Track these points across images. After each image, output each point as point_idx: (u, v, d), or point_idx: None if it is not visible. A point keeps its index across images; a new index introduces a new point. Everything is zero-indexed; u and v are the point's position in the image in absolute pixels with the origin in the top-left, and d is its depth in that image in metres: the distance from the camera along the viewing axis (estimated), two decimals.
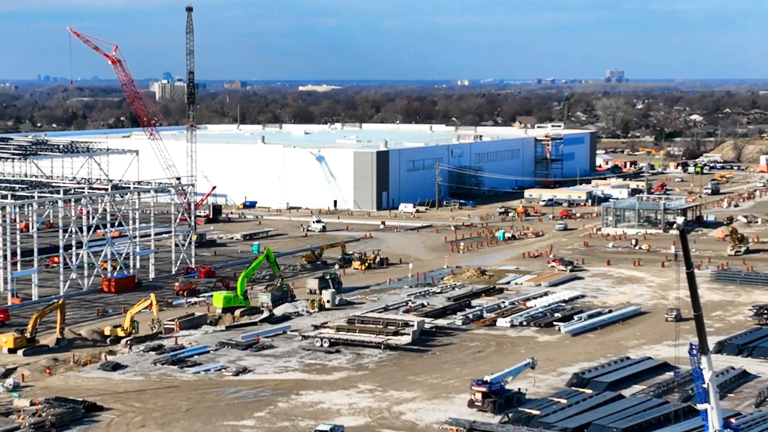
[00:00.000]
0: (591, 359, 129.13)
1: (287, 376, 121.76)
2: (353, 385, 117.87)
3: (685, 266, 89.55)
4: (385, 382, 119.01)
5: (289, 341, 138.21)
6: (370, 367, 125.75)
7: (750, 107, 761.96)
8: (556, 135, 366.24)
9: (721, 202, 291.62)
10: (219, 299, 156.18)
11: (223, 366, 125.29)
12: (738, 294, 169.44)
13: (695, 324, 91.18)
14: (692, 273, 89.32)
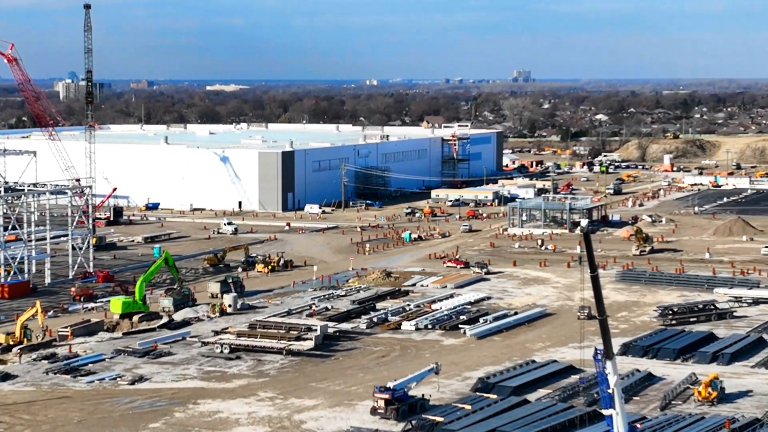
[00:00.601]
0: (496, 363, 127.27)
1: (185, 385, 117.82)
2: (253, 393, 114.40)
3: (590, 269, 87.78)
4: (287, 389, 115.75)
5: (188, 348, 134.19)
6: (271, 374, 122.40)
7: (654, 107, 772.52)
8: (463, 135, 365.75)
9: (626, 202, 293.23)
10: (117, 305, 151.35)
11: (118, 375, 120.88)
12: (643, 294, 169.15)
13: (600, 328, 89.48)
14: (596, 276, 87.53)
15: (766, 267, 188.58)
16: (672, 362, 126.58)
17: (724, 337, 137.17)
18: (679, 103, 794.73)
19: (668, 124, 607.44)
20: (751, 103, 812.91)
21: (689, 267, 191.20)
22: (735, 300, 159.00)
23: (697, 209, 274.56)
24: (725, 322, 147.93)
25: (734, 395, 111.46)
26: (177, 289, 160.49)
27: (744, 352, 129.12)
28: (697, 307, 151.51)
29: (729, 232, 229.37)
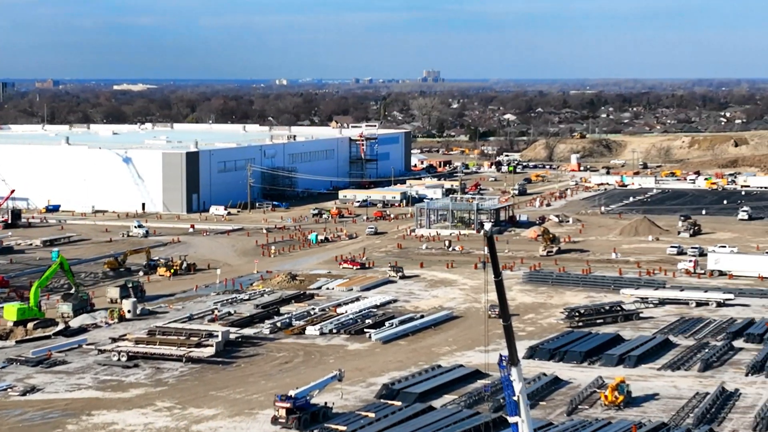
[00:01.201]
0: (402, 368, 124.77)
1: (79, 395, 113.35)
2: (150, 402, 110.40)
3: (494, 274, 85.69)
4: (185, 398, 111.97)
5: (84, 356, 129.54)
6: (170, 383, 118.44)
7: (561, 107, 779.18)
8: (371, 135, 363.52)
9: (533, 202, 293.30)
10: (11, 311, 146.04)
11: (9, 385, 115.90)
12: (550, 296, 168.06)
13: (504, 334, 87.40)
14: (501, 281, 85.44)
15: (672, 267, 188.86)
16: (579, 365, 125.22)
17: (630, 338, 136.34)
18: (586, 102, 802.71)
19: (575, 124, 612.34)
20: (656, 103, 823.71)
21: (596, 267, 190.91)
22: (641, 301, 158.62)
23: (604, 209, 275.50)
24: (632, 323, 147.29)
25: (641, 399, 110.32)
26: (74, 294, 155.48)
27: (650, 354, 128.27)
28: (604, 308, 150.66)
29: (635, 232, 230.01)
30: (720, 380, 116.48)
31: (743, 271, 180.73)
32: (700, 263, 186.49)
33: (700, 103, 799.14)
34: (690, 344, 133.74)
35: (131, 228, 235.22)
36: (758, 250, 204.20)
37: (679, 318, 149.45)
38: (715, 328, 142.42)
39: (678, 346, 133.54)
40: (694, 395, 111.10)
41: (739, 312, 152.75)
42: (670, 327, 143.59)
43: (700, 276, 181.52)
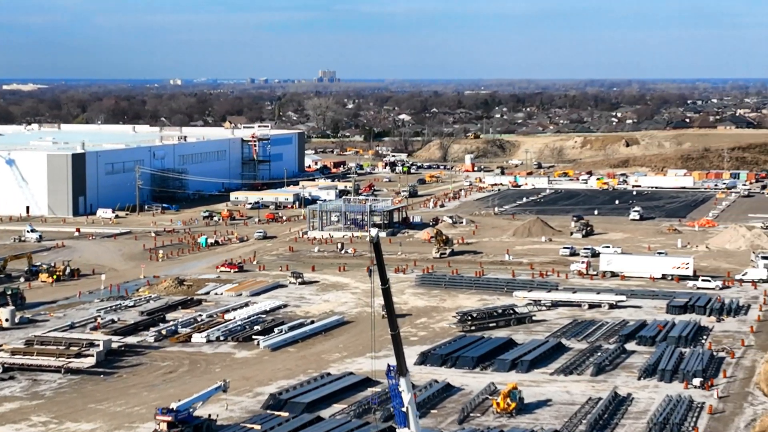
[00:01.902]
0: (291, 376, 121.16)
1: None
2: (25, 417, 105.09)
3: (381, 282, 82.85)
4: (63, 412, 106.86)
5: None
6: (47, 396, 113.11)
7: (456, 107, 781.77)
8: (264, 135, 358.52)
9: (427, 203, 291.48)
10: None
11: None
12: (443, 299, 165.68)
13: (392, 344, 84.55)
14: (388, 289, 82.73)
15: (564, 268, 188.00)
16: (471, 371, 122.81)
17: (523, 342, 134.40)
18: (480, 103, 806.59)
19: (470, 124, 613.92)
20: (550, 103, 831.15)
21: (489, 269, 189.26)
22: (534, 303, 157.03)
23: (497, 210, 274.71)
24: (525, 326, 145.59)
25: (533, 405, 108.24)
26: None
27: (543, 359, 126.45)
28: (497, 311, 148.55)
29: (528, 233, 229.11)
30: (613, 385, 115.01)
31: (635, 272, 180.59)
32: (592, 264, 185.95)
33: (592, 104, 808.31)
34: (583, 348, 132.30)
35: (24, 233, 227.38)
36: (650, 251, 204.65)
37: (572, 321, 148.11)
38: (608, 330, 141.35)
39: (571, 349, 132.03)
40: (586, 401, 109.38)
41: (632, 314, 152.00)
42: (563, 330, 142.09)
43: (593, 277, 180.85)
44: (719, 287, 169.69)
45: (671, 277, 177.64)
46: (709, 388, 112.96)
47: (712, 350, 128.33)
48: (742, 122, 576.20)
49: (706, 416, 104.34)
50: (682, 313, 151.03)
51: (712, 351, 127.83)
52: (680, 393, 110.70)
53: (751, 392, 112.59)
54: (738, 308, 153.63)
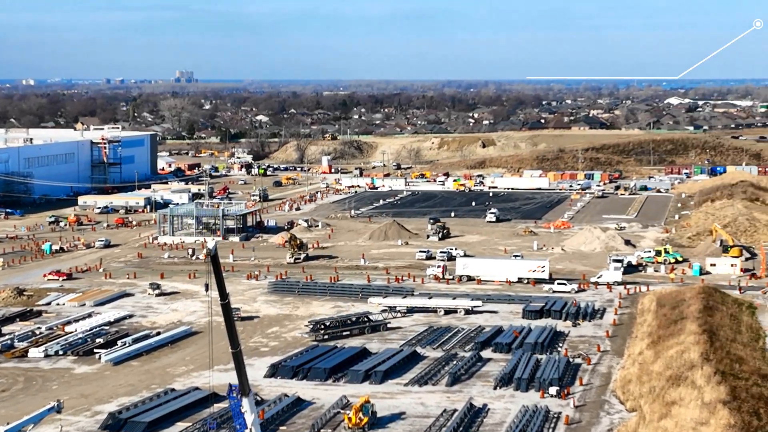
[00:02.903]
0: (133, 393, 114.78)
1: None
2: None
3: (220, 297, 77.62)
4: None
5: None
6: None
7: (314, 108, 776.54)
8: (114, 137, 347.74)
9: (282, 206, 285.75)
10: None
11: None
12: (296, 306, 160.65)
13: (234, 362, 79.36)
14: (228, 304, 77.49)
15: (420, 273, 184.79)
16: (323, 383, 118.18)
17: (377, 352, 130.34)
18: (338, 104, 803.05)
19: (328, 125, 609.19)
20: (407, 104, 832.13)
21: (344, 275, 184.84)
22: (389, 310, 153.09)
23: (354, 212, 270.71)
24: (379, 334, 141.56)
25: (386, 419, 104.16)
26: None
27: (397, 369, 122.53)
28: (350, 319, 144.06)
29: (384, 236, 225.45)
30: (468, 395, 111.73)
31: (491, 275, 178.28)
32: (448, 268, 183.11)
33: (450, 104, 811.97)
34: (438, 356, 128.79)
35: None
36: (506, 254, 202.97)
37: (427, 327, 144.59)
38: (464, 337, 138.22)
39: (426, 358, 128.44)
40: (441, 413, 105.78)
41: (488, 319, 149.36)
42: (418, 338, 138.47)
43: (449, 282, 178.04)
44: (575, 290, 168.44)
45: (527, 280, 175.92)
46: (566, 396, 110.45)
47: (568, 357, 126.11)
48: (596, 123, 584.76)
49: (562, 427, 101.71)
50: (538, 318, 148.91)
51: (568, 357, 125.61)
52: (536, 403, 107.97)
53: (607, 400, 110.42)
54: (594, 312, 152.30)
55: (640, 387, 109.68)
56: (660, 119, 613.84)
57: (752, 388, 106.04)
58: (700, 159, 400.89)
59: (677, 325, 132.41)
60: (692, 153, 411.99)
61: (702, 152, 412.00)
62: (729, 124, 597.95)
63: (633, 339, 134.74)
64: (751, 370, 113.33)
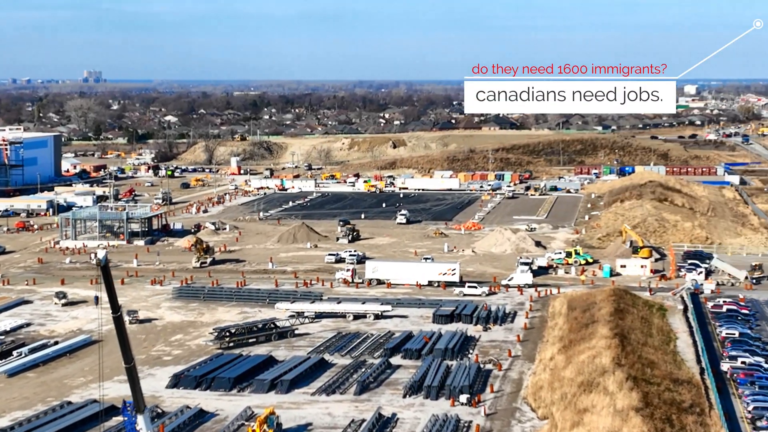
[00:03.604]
0: (27, 407, 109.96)
1: None
2: None
3: (111, 310, 73.64)
4: None
5: None
6: None
7: (224, 108, 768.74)
8: (16, 138, 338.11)
9: (190, 208, 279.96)
10: None
11: None
12: (201, 312, 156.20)
13: (128, 378, 75.38)
14: (120, 318, 73.58)
15: (330, 276, 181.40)
16: (227, 393, 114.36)
17: (284, 360, 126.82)
18: (249, 104, 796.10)
19: (238, 126, 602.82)
20: (319, 105, 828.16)
21: (252, 279, 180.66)
22: (297, 316, 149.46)
23: (263, 215, 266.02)
24: (286, 341, 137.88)
25: (292, 431, 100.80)
26: None
27: (305, 377, 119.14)
28: (257, 326, 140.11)
29: (293, 239, 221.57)
30: (377, 404, 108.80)
31: (401, 279, 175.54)
32: (358, 272, 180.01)
33: (361, 105, 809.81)
34: (347, 363, 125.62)
35: None
36: (416, 256, 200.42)
37: (336, 333, 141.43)
38: (373, 343, 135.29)
39: (334, 365, 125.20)
40: (349, 423, 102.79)
41: (398, 324, 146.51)
42: (327, 344, 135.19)
43: (358, 285, 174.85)
44: (485, 293, 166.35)
45: (438, 283, 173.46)
46: (477, 404, 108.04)
47: (479, 363, 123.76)
48: (506, 123, 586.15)
49: None
50: (449, 322, 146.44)
51: (479, 363, 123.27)
52: (447, 411, 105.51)
53: (519, 408, 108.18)
54: (504, 316, 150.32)
55: (551, 394, 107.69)
56: (569, 119, 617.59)
57: (664, 394, 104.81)
58: (609, 159, 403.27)
59: (588, 328, 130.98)
60: (601, 153, 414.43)
61: (611, 152, 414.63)
62: (637, 124, 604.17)
63: (544, 343, 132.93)
64: (662, 374, 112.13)
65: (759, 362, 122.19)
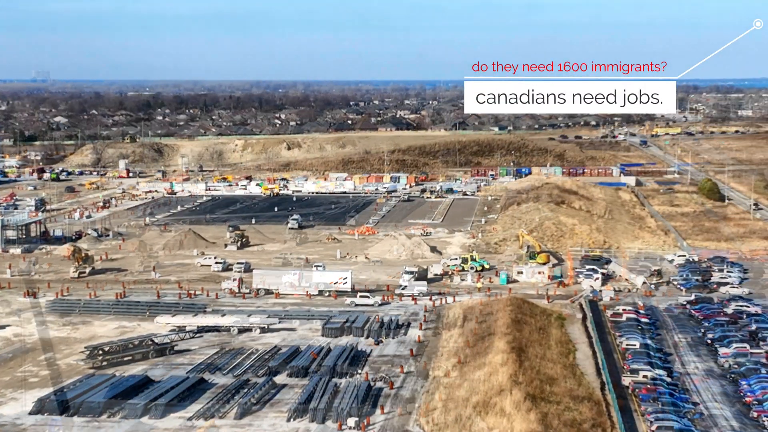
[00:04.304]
0: None
1: None
2: None
3: None
4: None
5: None
6: None
7: (117, 109, 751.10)
8: None
9: (73, 213, 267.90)
10: None
11: None
12: (76, 327, 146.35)
13: None
14: None
15: (216, 286, 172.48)
16: (96, 419, 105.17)
17: (161, 380, 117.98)
18: (142, 104, 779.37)
19: (130, 127, 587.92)
20: (214, 105, 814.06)
21: (133, 290, 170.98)
22: (177, 330, 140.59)
23: (149, 220, 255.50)
24: (165, 359, 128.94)
25: None
26: None
27: (182, 399, 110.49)
28: (133, 343, 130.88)
29: (180, 246, 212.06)
30: (259, 429, 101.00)
31: (290, 288, 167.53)
32: (245, 281, 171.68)
33: (257, 105, 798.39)
34: (228, 383, 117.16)
35: None
36: (308, 263, 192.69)
37: (219, 349, 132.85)
38: (258, 360, 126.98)
39: (215, 385, 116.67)
40: None
41: (285, 338, 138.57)
42: (208, 362, 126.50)
43: (245, 296, 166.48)
44: (378, 303, 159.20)
45: (329, 293, 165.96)
46: (366, 428, 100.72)
47: (369, 380, 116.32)
48: (402, 124, 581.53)
49: None
50: (339, 335, 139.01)
51: (369, 381, 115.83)
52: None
53: (410, 431, 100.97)
54: (398, 327, 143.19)
55: (445, 415, 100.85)
56: (465, 120, 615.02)
57: (564, 414, 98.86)
58: (506, 160, 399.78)
59: (485, 342, 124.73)
60: (498, 154, 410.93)
61: (507, 153, 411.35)
62: (533, 125, 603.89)
63: (438, 358, 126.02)
64: (562, 391, 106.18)
65: (661, 375, 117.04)
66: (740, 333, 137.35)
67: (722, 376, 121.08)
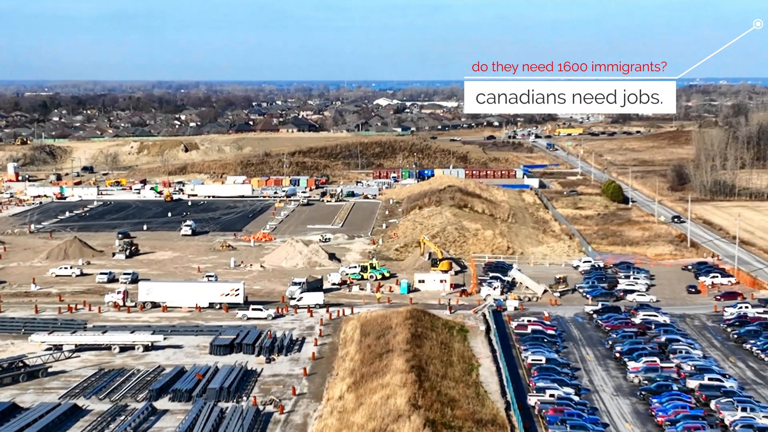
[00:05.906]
0: None
1: None
2: None
3: None
4: None
5: None
6: None
7: (12, 109, 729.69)
8: None
9: None
10: None
11: None
12: None
13: None
14: None
15: (100, 300, 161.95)
16: None
17: (31, 406, 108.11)
18: (38, 105, 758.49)
19: (23, 128, 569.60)
20: (113, 106, 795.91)
21: (10, 304, 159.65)
22: (54, 349, 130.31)
23: (34, 227, 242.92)
24: (37, 382, 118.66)
25: None
26: None
27: (52, 429, 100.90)
28: (1, 365, 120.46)
29: (65, 255, 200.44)
30: None
31: (179, 301, 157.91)
32: (131, 294, 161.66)
33: (157, 106, 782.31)
34: (104, 409, 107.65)
35: None
36: (199, 272, 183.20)
37: (97, 370, 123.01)
38: (139, 382, 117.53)
39: (89, 412, 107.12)
40: None
41: (170, 357, 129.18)
42: (84, 385, 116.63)
43: (131, 310, 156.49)
44: (272, 317, 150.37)
45: (220, 305, 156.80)
46: None
47: (257, 405, 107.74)
48: (305, 125, 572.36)
49: None
50: (228, 353, 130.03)
51: (257, 406, 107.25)
52: None
53: None
54: (291, 343, 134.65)
55: None
56: (368, 121, 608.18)
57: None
58: (408, 162, 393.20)
59: (383, 360, 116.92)
60: (400, 156, 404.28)
61: (410, 155, 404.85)
62: (436, 126, 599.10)
63: (333, 378, 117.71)
64: (464, 415, 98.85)
65: (569, 394, 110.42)
66: (649, 345, 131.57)
67: (632, 393, 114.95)
